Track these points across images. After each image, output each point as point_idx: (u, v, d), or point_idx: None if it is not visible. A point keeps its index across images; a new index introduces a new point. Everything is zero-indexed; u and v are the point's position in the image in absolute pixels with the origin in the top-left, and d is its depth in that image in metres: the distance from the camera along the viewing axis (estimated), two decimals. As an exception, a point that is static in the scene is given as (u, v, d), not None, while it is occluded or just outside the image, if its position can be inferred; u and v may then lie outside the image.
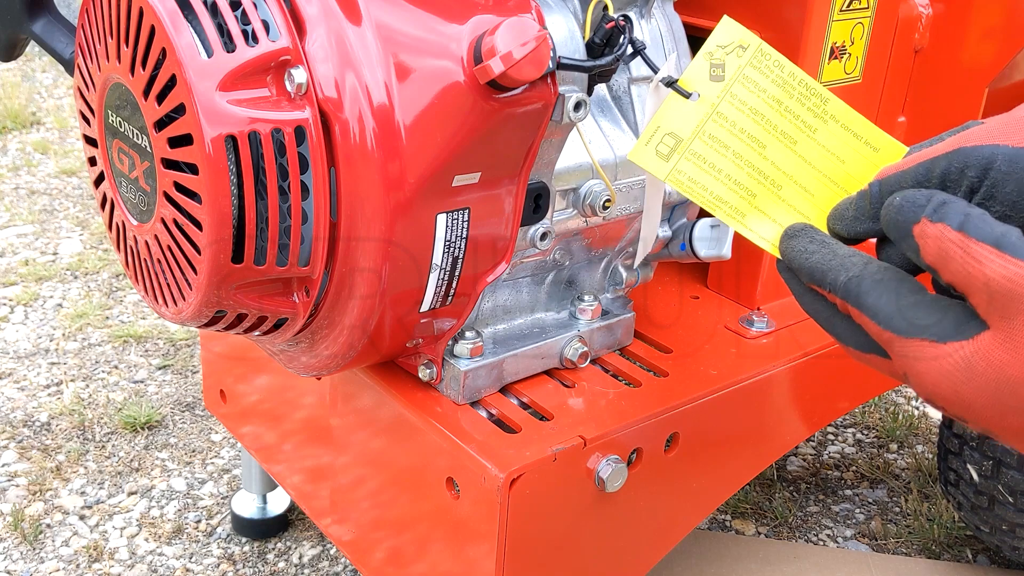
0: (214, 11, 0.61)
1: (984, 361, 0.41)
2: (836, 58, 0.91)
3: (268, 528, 1.30)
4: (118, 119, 0.68)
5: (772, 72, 0.61)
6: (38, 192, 2.41)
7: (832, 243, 0.51)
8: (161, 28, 0.59)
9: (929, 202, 0.43)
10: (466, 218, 0.68)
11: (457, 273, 0.70)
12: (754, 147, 0.61)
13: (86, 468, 1.43)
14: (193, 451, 1.48)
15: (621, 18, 0.69)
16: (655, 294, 0.99)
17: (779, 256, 0.55)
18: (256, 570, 1.25)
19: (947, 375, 0.42)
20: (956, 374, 0.42)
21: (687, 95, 0.61)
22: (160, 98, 0.62)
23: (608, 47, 0.70)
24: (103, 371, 1.67)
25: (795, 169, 0.60)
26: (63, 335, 1.77)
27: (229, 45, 0.60)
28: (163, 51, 0.60)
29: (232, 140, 0.59)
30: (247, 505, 1.29)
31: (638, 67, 0.81)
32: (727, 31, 0.62)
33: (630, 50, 0.69)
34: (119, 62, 0.65)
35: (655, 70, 0.65)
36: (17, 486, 1.38)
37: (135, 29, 0.62)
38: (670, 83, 0.62)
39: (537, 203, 0.73)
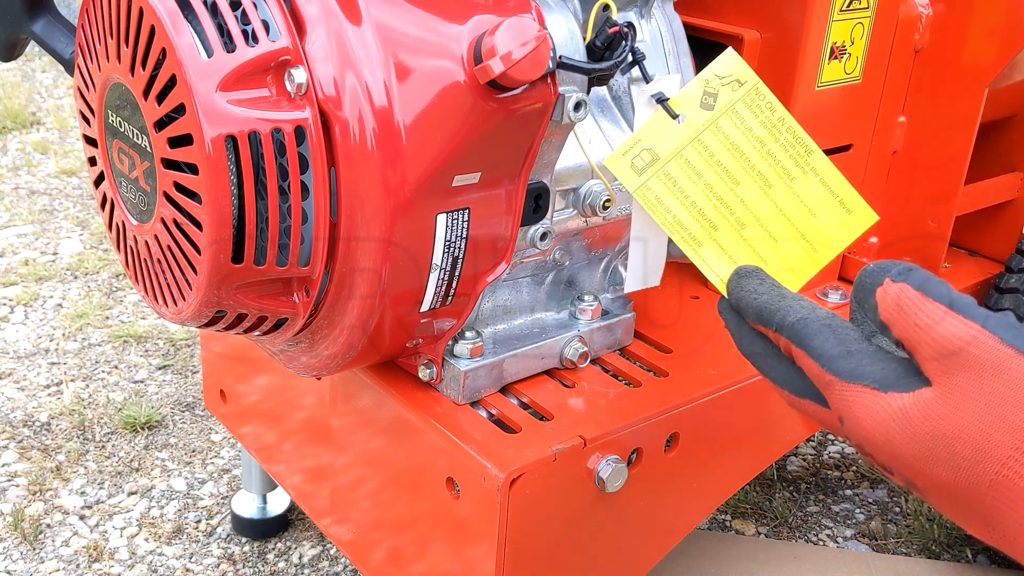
0: (214, 11, 0.61)
1: (921, 413, 0.42)
2: (836, 58, 0.91)
3: (268, 528, 1.30)
4: (118, 119, 0.68)
5: (762, 113, 0.62)
6: (38, 192, 2.41)
7: (781, 287, 0.52)
8: (161, 28, 0.59)
9: (895, 267, 0.45)
10: (466, 218, 0.68)
11: (457, 273, 0.70)
12: (727, 182, 0.61)
13: (86, 468, 1.43)
14: (193, 451, 1.48)
15: (625, 25, 0.69)
16: (655, 294, 0.99)
17: (724, 294, 0.55)
18: (256, 570, 1.25)
19: (882, 423, 0.44)
20: (891, 423, 0.43)
21: (674, 116, 0.62)
22: (160, 98, 0.62)
23: (609, 51, 0.70)
24: (103, 371, 1.67)
25: (764, 212, 0.61)
26: (63, 335, 1.77)
27: (229, 45, 0.60)
28: (163, 51, 0.60)
29: (232, 140, 0.59)
30: (247, 505, 1.29)
31: (635, 71, 0.81)
32: (727, 63, 0.62)
33: (630, 58, 0.69)
34: (119, 62, 0.65)
35: (649, 82, 0.65)
36: (17, 486, 1.38)
37: (135, 29, 0.62)
38: (661, 100, 0.62)
39: (537, 203, 0.73)
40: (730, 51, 0.62)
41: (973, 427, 0.40)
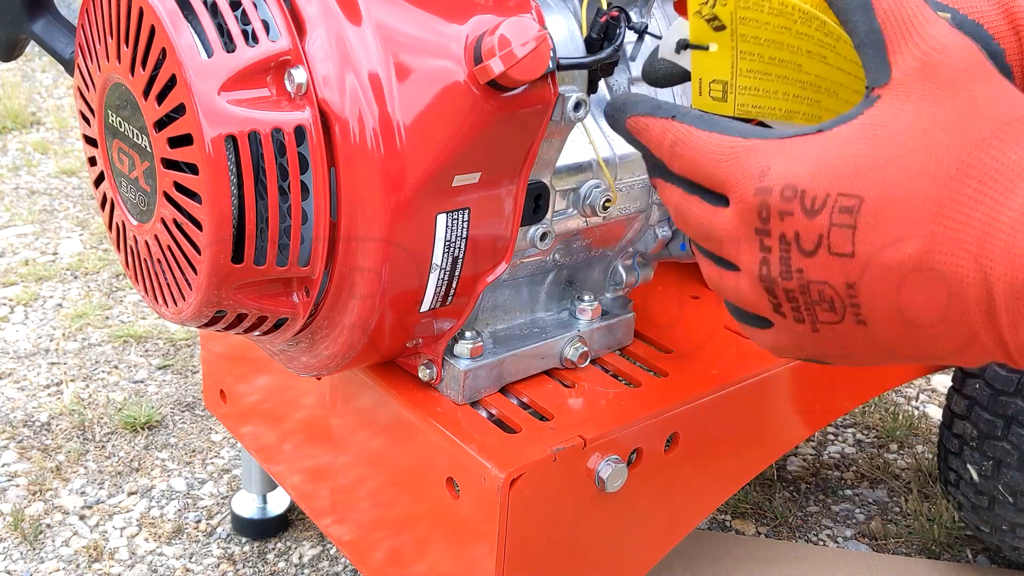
0: (214, 11, 0.61)
1: (890, 114, 0.43)
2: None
3: (268, 528, 1.30)
4: (118, 119, 0.68)
5: (764, 6, 0.59)
6: (38, 192, 2.41)
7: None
8: (161, 28, 0.60)
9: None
10: (466, 218, 0.68)
11: (457, 273, 0.70)
12: (792, 68, 0.59)
13: (86, 468, 1.43)
14: (193, 451, 1.48)
15: (615, 8, 0.68)
16: (655, 294, 0.99)
17: None
18: (256, 570, 1.25)
19: (837, 136, 0.44)
20: (852, 136, 0.44)
21: (705, 48, 0.61)
22: (160, 98, 0.62)
23: (607, 40, 0.70)
24: (103, 371, 1.67)
25: (837, 77, 0.59)
26: (63, 335, 1.77)
27: (229, 45, 0.60)
28: (163, 51, 0.60)
29: (232, 140, 0.59)
30: (247, 505, 1.29)
31: (638, 68, 0.81)
32: None
33: (634, 36, 0.68)
34: (119, 62, 0.65)
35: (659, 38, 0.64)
36: (17, 486, 1.38)
37: (135, 29, 0.62)
38: (685, 46, 0.61)
39: (537, 203, 0.73)
40: None
41: (950, 111, 0.40)
